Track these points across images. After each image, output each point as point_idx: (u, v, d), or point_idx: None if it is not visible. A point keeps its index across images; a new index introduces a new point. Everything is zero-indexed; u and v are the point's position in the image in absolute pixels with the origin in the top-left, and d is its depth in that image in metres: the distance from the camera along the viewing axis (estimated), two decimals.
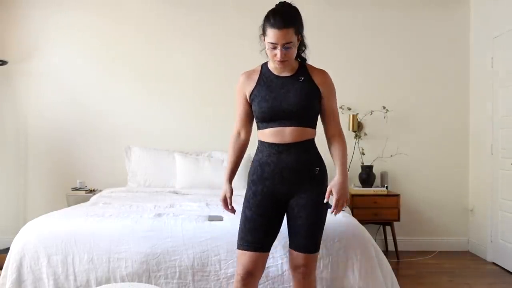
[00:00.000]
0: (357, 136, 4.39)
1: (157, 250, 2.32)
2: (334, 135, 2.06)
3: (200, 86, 4.46)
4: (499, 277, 3.66)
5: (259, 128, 2.05)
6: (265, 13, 1.96)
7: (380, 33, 4.49)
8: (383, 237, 4.38)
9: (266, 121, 1.99)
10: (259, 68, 2.07)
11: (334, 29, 4.49)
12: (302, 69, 2.04)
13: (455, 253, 4.36)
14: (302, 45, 2.03)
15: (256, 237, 1.97)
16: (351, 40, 4.47)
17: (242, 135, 2.12)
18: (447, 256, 4.25)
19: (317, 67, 2.08)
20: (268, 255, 2.04)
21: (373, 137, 4.44)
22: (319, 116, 2.08)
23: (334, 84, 2.06)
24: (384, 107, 4.36)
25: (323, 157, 2.08)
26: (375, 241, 2.73)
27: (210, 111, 4.40)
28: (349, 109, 4.39)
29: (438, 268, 3.85)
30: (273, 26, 1.86)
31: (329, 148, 2.09)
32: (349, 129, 4.35)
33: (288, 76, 2.01)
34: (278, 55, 1.89)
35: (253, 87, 2.02)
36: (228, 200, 2.10)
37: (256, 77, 2.04)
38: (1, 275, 2.41)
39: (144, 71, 4.45)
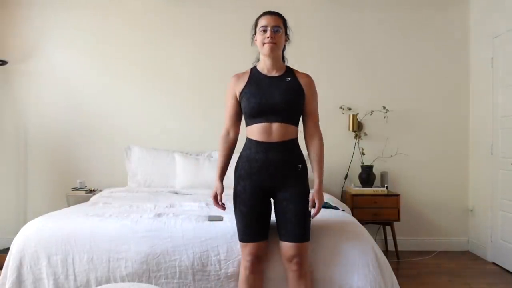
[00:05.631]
0: (357, 136, 4.39)
1: (157, 250, 2.32)
2: (313, 136, 2.22)
3: (200, 86, 4.46)
4: (499, 277, 3.66)
5: (247, 124, 2.20)
6: None
7: (380, 33, 4.49)
8: (383, 237, 4.38)
9: (254, 116, 2.14)
10: (249, 71, 2.27)
11: (334, 29, 4.49)
12: (289, 71, 2.25)
13: (455, 253, 4.36)
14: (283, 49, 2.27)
15: (254, 229, 2.16)
16: (351, 40, 4.47)
17: (231, 134, 2.28)
18: (447, 256, 4.25)
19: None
20: (267, 242, 2.21)
21: (373, 137, 4.44)
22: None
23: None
24: (384, 107, 4.36)
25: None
26: (375, 241, 2.74)
27: (210, 111, 4.39)
28: (349, 109, 4.38)
29: (438, 268, 3.85)
30: (265, 14, 2.18)
31: (308, 148, 2.25)
32: (349, 129, 4.36)
33: (276, 76, 2.21)
34: (268, 34, 2.12)
35: (243, 86, 2.20)
36: (219, 197, 2.25)
37: (246, 77, 2.23)
38: (1, 275, 2.41)
39: (144, 71, 4.46)
